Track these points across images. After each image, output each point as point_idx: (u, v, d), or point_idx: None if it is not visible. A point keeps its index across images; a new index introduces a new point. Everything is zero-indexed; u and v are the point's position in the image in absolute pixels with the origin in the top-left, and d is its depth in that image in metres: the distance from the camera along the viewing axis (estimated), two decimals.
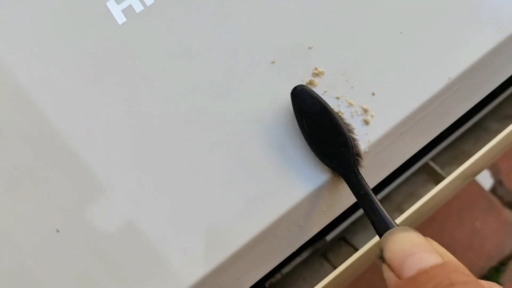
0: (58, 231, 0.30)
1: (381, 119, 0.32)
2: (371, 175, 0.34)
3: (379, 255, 0.25)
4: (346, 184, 0.30)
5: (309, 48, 0.33)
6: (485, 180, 0.79)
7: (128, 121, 0.32)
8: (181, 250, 0.30)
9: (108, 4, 0.33)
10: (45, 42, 0.33)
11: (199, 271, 0.30)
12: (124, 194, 0.31)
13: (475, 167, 0.47)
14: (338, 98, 0.32)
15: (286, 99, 0.32)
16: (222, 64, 0.33)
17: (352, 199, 0.34)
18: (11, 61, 0.33)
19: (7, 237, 0.30)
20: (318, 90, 0.32)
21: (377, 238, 0.47)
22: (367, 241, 0.51)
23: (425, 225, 0.75)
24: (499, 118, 0.56)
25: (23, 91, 0.32)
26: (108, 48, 0.33)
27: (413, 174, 0.54)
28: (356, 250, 0.50)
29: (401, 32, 0.33)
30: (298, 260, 0.48)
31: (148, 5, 0.33)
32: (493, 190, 0.79)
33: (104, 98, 0.32)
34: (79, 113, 0.32)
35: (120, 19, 0.33)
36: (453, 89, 0.33)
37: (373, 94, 0.32)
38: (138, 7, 0.33)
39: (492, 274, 0.72)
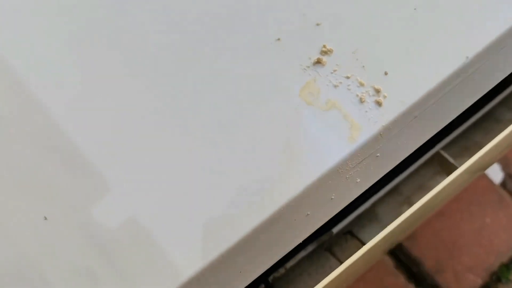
0: (46, 218, 0.28)
1: (395, 100, 0.30)
2: (384, 162, 0.32)
3: None
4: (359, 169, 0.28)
5: (317, 24, 0.31)
6: (495, 174, 0.77)
7: (127, 117, 0.30)
8: (180, 242, 0.28)
9: None
10: (33, 33, 0.31)
11: (199, 263, 0.28)
12: (123, 189, 0.29)
13: (486, 159, 0.45)
14: (348, 77, 0.30)
15: (291, 79, 0.30)
16: (224, 42, 0.31)
17: (362, 188, 0.32)
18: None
19: (8, 231, 0.29)
20: (327, 69, 0.30)
21: (385, 231, 0.46)
22: (375, 235, 0.49)
23: (434, 220, 0.73)
24: (511, 108, 0.54)
25: (22, 85, 0.30)
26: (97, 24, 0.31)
27: (422, 166, 0.52)
28: (363, 244, 0.48)
29: (415, 8, 0.31)
30: (303, 254, 0.46)
31: None
32: (503, 184, 0.77)
33: (103, 96, 0.30)
34: (79, 107, 0.30)
35: None
36: (471, 69, 0.31)
37: (385, 73, 0.30)
38: None
39: (502, 270, 0.70)
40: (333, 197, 0.31)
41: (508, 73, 0.35)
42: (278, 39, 0.31)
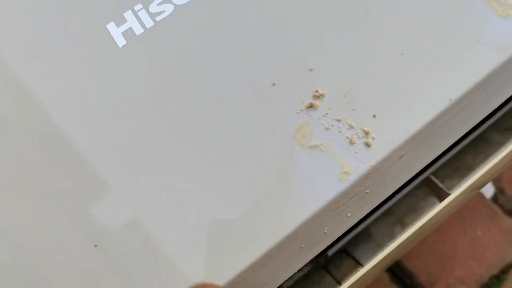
0: (48, 218, 0.30)
1: (383, 141, 0.32)
2: (373, 197, 0.34)
3: None
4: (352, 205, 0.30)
5: (310, 70, 0.33)
6: (487, 188, 0.79)
7: (132, 125, 0.32)
8: (185, 253, 0.30)
9: (108, 26, 0.33)
10: (44, 65, 0.33)
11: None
12: (129, 192, 0.31)
13: (481, 180, 0.47)
14: (339, 120, 0.32)
15: (286, 122, 0.32)
16: (222, 87, 0.32)
17: (353, 221, 0.34)
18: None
19: (10, 234, 0.30)
20: (319, 112, 0.32)
21: (382, 252, 0.47)
22: (368, 253, 0.50)
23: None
24: (500, 130, 0.55)
25: (27, 91, 0.32)
26: (108, 71, 0.33)
27: (414, 187, 0.53)
28: (357, 262, 0.50)
29: (402, 54, 0.33)
30: (299, 274, 0.48)
31: (148, 27, 0.33)
32: (495, 198, 0.79)
33: (105, 101, 0.32)
34: (83, 115, 0.32)
35: (120, 41, 0.33)
36: (454, 111, 0.33)
37: (374, 116, 0.32)
38: (138, 30, 0.33)
39: (493, 282, 0.72)
40: (325, 231, 0.33)
41: (493, 109, 0.37)
42: (273, 84, 0.33)
